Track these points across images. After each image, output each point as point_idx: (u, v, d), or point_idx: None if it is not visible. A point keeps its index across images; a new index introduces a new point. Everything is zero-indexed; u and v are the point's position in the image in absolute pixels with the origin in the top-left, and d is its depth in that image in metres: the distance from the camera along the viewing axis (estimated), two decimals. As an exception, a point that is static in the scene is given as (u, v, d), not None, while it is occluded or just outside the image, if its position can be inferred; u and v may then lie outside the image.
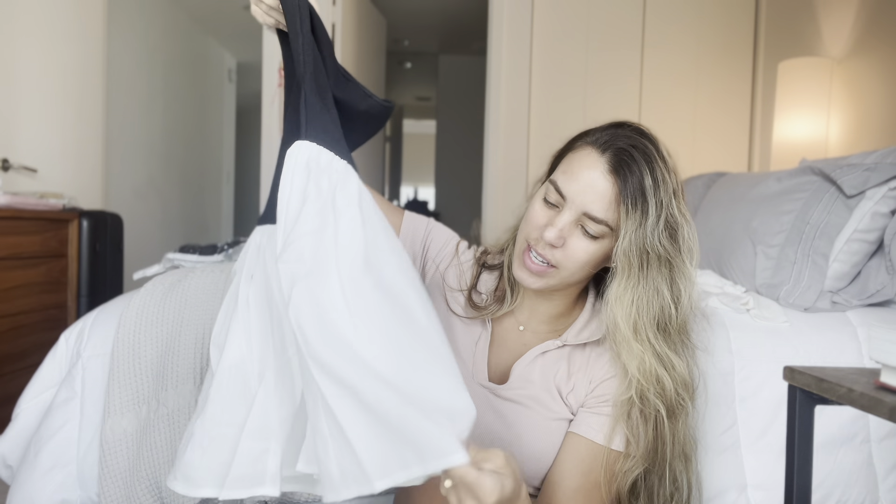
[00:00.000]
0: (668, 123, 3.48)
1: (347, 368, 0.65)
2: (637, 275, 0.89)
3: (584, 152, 0.93)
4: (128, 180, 4.17)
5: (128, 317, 1.31)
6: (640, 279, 0.89)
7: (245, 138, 6.54)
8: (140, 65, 4.30)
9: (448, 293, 1.08)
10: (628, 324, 0.90)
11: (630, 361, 0.90)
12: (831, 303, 1.36)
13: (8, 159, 2.59)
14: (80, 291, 2.53)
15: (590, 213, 0.89)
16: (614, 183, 0.88)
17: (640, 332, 0.90)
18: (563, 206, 0.91)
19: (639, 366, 0.90)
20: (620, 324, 0.90)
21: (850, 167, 1.43)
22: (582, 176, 0.90)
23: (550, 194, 0.93)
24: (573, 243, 0.91)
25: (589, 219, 0.89)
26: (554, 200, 0.92)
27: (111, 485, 1.22)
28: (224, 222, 6.10)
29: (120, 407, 1.25)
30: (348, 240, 0.73)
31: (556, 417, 0.96)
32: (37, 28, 2.78)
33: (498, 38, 3.48)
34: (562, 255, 0.91)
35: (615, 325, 0.91)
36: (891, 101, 2.27)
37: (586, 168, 0.90)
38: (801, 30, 2.91)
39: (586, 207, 0.89)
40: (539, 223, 0.93)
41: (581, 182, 0.90)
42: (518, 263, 0.95)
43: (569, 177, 0.91)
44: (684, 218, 0.91)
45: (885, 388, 0.71)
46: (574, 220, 0.90)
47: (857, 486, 1.22)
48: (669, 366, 0.91)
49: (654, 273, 0.89)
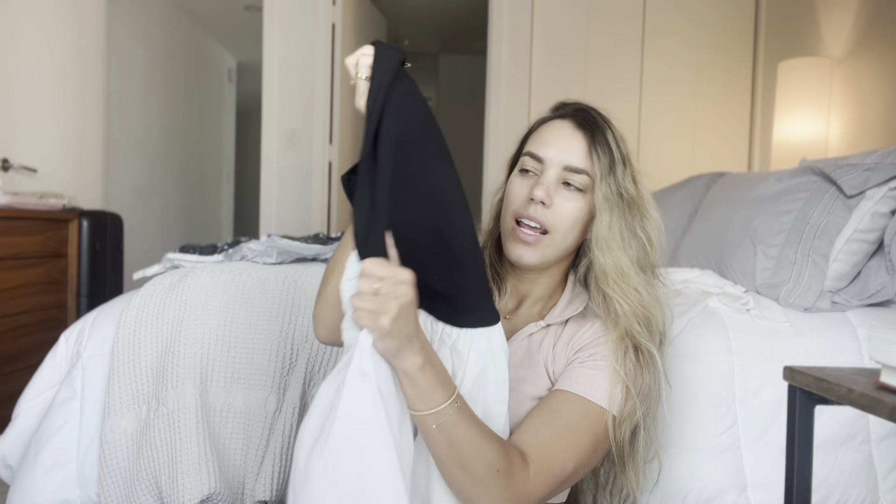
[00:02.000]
0: (669, 123, 3.48)
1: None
2: (619, 216, 0.95)
3: (547, 124, 1.00)
4: (128, 180, 4.17)
5: (128, 317, 1.31)
6: (621, 220, 0.95)
7: (245, 138, 6.54)
8: (140, 65, 4.30)
9: None
10: (619, 265, 0.94)
11: (623, 302, 0.93)
12: (831, 303, 1.36)
13: (8, 159, 2.59)
14: (80, 291, 2.53)
15: (570, 164, 0.95)
16: (584, 135, 0.96)
17: (627, 272, 0.94)
18: (541, 169, 0.97)
19: (630, 305, 0.93)
20: (610, 266, 0.94)
21: (850, 167, 1.43)
22: (554, 137, 0.97)
23: (527, 163, 0.98)
24: (560, 203, 0.95)
25: (570, 171, 0.95)
26: (532, 167, 0.98)
27: (111, 484, 1.22)
28: (224, 222, 6.10)
29: (120, 407, 1.25)
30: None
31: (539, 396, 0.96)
32: (37, 28, 2.78)
33: (498, 38, 3.48)
34: (553, 216, 0.95)
35: (604, 271, 0.95)
36: (891, 101, 2.27)
37: (554, 129, 0.98)
38: (801, 30, 2.91)
39: (566, 161, 0.95)
40: (523, 193, 0.97)
41: (555, 142, 0.97)
42: (511, 242, 0.98)
43: (542, 142, 0.98)
44: (639, 176, 0.99)
45: (885, 388, 0.71)
46: (557, 176, 0.96)
47: (857, 486, 1.22)
48: (654, 304, 0.95)
49: (630, 215, 0.95)
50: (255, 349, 1.27)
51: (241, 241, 1.65)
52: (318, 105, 3.56)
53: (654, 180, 3.42)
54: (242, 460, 1.23)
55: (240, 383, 1.25)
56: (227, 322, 1.29)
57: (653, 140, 3.48)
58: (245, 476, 1.23)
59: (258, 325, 1.29)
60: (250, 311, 1.31)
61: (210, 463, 1.19)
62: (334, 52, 3.58)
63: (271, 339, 1.28)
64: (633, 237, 0.95)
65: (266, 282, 1.36)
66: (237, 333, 1.28)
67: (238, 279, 1.36)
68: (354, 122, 3.95)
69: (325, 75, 3.54)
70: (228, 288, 1.33)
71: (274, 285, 1.35)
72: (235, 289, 1.34)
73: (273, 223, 3.62)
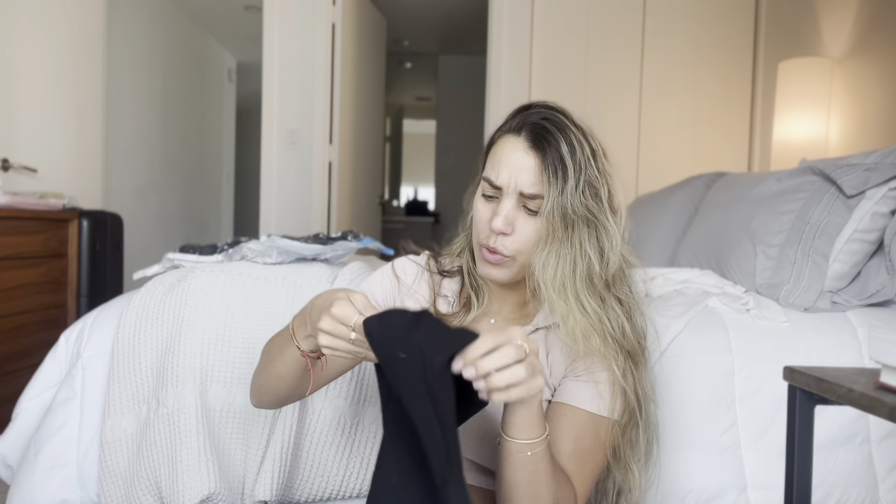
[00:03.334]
0: (669, 123, 3.48)
1: None
2: (560, 238, 0.93)
3: (503, 140, 0.98)
4: (128, 180, 4.17)
5: (128, 317, 1.31)
6: (563, 241, 0.93)
7: (245, 138, 6.54)
8: (140, 65, 4.30)
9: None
10: (554, 285, 0.93)
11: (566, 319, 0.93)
12: (831, 303, 1.36)
13: (8, 159, 2.59)
14: (80, 291, 2.53)
15: (524, 191, 0.94)
16: (536, 156, 0.94)
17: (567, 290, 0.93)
18: (500, 195, 0.96)
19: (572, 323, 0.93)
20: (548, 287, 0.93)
21: (850, 167, 1.43)
22: (508, 161, 0.96)
23: (486, 189, 0.98)
24: (521, 226, 0.95)
25: (525, 197, 0.94)
26: (491, 193, 0.97)
27: (111, 484, 1.22)
28: (224, 222, 6.10)
29: (120, 407, 1.25)
30: None
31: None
32: (37, 28, 2.78)
33: (498, 38, 3.48)
34: (514, 242, 0.95)
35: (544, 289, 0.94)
36: (891, 101, 2.27)
37: (508, 152, 0.96)
38: (801, 30, 2.91)
39: (520, 187, 0.94)
40: (485, 218, 0.98)
41: (508, 167, 0.95)
42: (480, 262, 1.00)
43: (496, 167, 0.97)
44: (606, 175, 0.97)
45: (885, 388, 0.71)
46: (514, 203, 0.95)
47: (857, 486, 1.22)
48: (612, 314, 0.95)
49: (578, 234, 0.94)
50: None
51: (241, 241, 1.65)
52: (318, 105, 3.57)
53: (654, 180, 3.44)
54: (242, 460, 1.23)
55: (240, 383, 1.25)
56: (227, 322, 1.29)
57: (653, 140, 3.48)
58: (245, 476, 1.23)
59: (258, 325, 1.29)
60: (250, 311, 1.31)
61: (210, 463, 1.19)
62: (334, 52, 3.58)
63: (271, 339, 1.28)
64: (580, 256, 0.94)
65: (266, 282, 1.36)
66: (237, 333, 1.28)
67: (238, 279, 1.36)
68: (354, 121, 3.95)
69: (325, 75, 3.54)
70: (228, 288, 1.33)
71: (274, 285, 1.35)
72: (235, 289, 1.34)
73: (273, 223, 3.62)
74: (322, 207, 3.61)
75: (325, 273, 1.40)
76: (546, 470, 0.83)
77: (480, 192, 0.99)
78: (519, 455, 0.81)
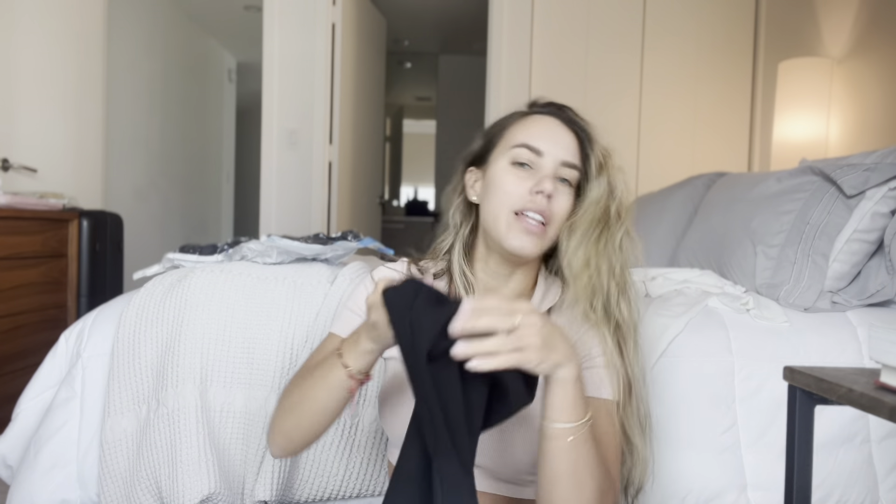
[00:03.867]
0: (669, 123, 3.48)
1: None
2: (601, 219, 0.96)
3: (531, 119, 1.00)
4: (128, 180, 4.17)
5: (128, 317, 1.31)
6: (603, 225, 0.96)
7: (245, 138, 6.54)
8: (140, 65, 4.30)
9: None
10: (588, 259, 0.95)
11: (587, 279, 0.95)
12: (831, 303, 1.36)
13: (8, 159, 2.59)
14: (80, 291, 2.53)
15: (566, 160, 0.97)
16: (571, 131, 0.99)
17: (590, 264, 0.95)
18: (538, 162, 0.97)
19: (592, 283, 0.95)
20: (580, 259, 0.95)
21: (850, 167, 1.43)
22: (545, 131, 0.98)
23: (523, 155, 0.97)
24: (556, 197, 0.96)
25: (565, 166, 0.97)
26: (527, 159, 0.97)
27: (111, 485, 1.22)
28: (224, 222, 6.10)
29: (120, 407, 1.25)
30: None
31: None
32: (37, 28, 2.78)
33: (498, 38, 3.48)
34: (553, 209, 0.96)
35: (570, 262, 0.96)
36: (891, 101, 2.27)
37: (545, 126, 0.99)
38: (801, 30, 2.91)
39: (561, 156, 0.96)
40: (525, 186, 0.96)
41: (549, 136, 0.97)
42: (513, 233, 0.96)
43: (536, 136, 0.98)
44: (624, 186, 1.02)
45: (885, 388, 0.71)
46: (554, 169, 0.96)
47: (857, 486, 1.22)
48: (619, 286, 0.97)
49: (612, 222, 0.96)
50: (255, 349, 1.27)
51: (241, 241, 1.65)
52: (318, 105, 3.56)
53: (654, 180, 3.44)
54: (242, 460, 1.23)
55: (240, 383, 1.25)
56: (227, 322, 1.29)
57: (653, 140, 3.48)
58: (245, 476, 1.23)
59: (258, 325, 1.29)
60: (250, 311, 1.31)
61: (210, 463, 1.19)
62: (334, 52, 3.58)
63: (271, 339, 1.28)
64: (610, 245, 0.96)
65: (266, 282, 1.36)
66: (237, 333, 1.28)
67: (238, 279, 1.36)
68: (354, 122, 3.95)
69: (325, 75, 3.54)
70: (228, 288, 1.33)
71: (274, 285, 1.35)
72: (235, 289, 1.34)
73: (273, 223, 3.62)
74: (322, 207, 3.61)
75: (325, 273, 1.40)
76: (589, 457, 0.81)
77: (509, 163, 0.98)
78: (559, 442, 0.79)
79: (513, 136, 1.00)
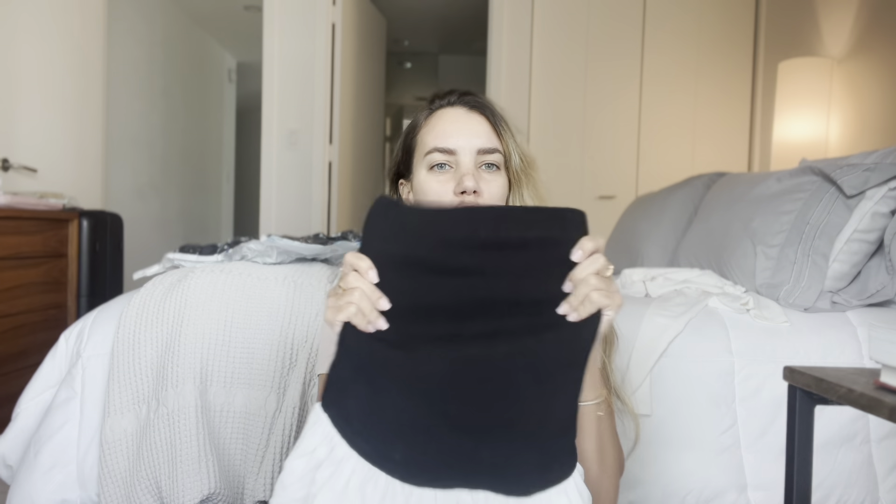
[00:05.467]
0: (669, 123, 3.48)
1: None
2: (525, 184, 0.97)
3: (437, 114, 0.98)
4: (128, 180, 4.17)
5: (128, 317, 1.31)
6: (527, 187, 0.97)
7: (245, 138, 6.54)
8: (140, 65, 4.30)
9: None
10: None
11: None
12: (831, 303, 1.36)
13: (8, 159, 2.59)
14: (80, 291, 2.53)
15: (481, 147, 0.94)
16: (480, 115, 0.97)
17: None
18: (454, 160, 0.94)
19: None
20: None
21: (850, 167, 1.43)
22: (453, 126, 0.95)
23: (436, 158, 0.95)
24: (485, 187, 0.94)
25: (485, 153, 0.95)
26: (443, 160, 0.95)
27: (111, 485, 1.22)
28: (224, 222, 6.10)
29: (120, 407, 1.25)
30: None
31: None
32: (37, 28, 2.78)
33: (498, 38, 3.48)
34: (485, 197, 0.94)
35: None
36: (891, 101, 2.27)
37: (451, 120, 0.96)
38: (801, 30, 2.91)
39: (475, 145, 0.94)
40: (447, 188, 0.94)
41: (457, 130, 0.95)
42: None
43: (443, 134, 0.95)
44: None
45: (885, 388, 0.71)
46: (472, 162, 0.94)
47: (857, 486, 1.22)
48: None
49: (533, 180, 0.98)
50: (255, 349, 1.27)
51: (241, 241, 1.65)
52: (318, 105, 3.56)
53: (654, 180, 3.44)
54: (242, 460, 1.23)
55: (240, 383, 1.25)
56: (227, 322, 1.29)
57: (653, 140, 3.48)
58: (245, 476, 1.23)
59: (258, 325, 1.29)
60: (250, 311, 1.31)
61: (210, 463, 1.19)
62: (334, 52, 3.58)
63: (271, 339, 1.28)
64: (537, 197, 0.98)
65: (266, 282, 1.36)
66: (237, 333, 1.28)
67: (238, 279, 1.36)
68: (354, 122, 3.95)
69: (325, 75, 3.54)
70: (228, 288, 1.33)
71: (274, 285, 1.35)
72: (235, 289, 1.34)
73: (273, 223, 3.62)
74: (322, 207, 3.61)
75: (325, 273, 1.40)
76: (612, 430, 0.84)
77: (425, 168, 0.95)
78: (588, 419, 0.80)
79: (424, 140, 0.98)
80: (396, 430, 0.68)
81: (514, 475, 0.68)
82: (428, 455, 0.68)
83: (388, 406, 0.68)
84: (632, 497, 1.20)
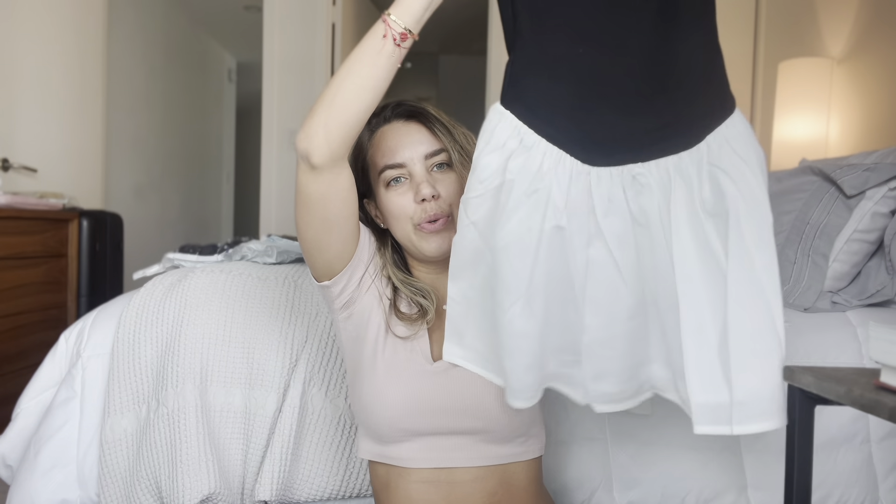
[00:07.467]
0: (668, 123, 3.48)
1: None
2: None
3: (378, 133, 1.03)
4: (128, 180, 4.17)
5: (128, 317, 1.31)
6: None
7: (245, 138, 6.54)
8: (140, 65, 4.29)
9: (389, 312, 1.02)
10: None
11: None
12: (831, 303, 1.36)
13: (8, 159, 2.59)
14: (80, 291, 2.53)
15: (427, 152, 0.99)
16: (417, 123, 1.02)
17: None
18: (406, 172, 0.99)
19: None
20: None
21: (850, 167, 1.43)
22: (396, 140, 1.00)
23: (390, 175, 0.99)
24: (441, 187, 0.99)
25: (431, 156, 1.00)
26: (396, 174, 0.99)
27: (111, 485, 1.22)
28: (224, 222, 6.10)
29: (120, 407, 1.25)
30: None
31: None
32: (37, 28, 2.78)
33: (498, 38, 3.47)
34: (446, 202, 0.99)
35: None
36: (891, 101, 2.27)
37: (392, 136, 1.01)
38: (801, 30, 2.90)
39: (421, 152, 0.99)
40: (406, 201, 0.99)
41: (400, 144, 1.00)
42: (426, 241, 0.99)
43: (388, 153, 1.00)
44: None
45: (885, 388, 0.71)
46: (423, 169, 0.99)
47: (857, 487, 1.22)
48: None
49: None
50: (255, 349, 1.27)
51: (241, 241, 1.65)
52: (318, 105, 3.56)
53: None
54: (242, 460, 1.23)
55: (240, 383, 1.25)
56: (227, 322, 1.29)
57: (653, 140, 3.48)
58: (245, 476, 1.23)
59: (258, 325, 1.29)
60: (250, 311, 1.31)
61: (210, 463, 1.19)
62: (334, 52, 3.58)
63: (271, 339, 1.28)
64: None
65: (266, 282, 1.36)
66: (237, 333, 1.28)
67: (238, 279, 1.36)
68: (354, 122, 3.95)
69: (325, 75, 3.54)
70: (228, 288, 1.33)
71: (274, 285, 1.35)
72: (235, 289, 1.34)
73: (273, 223, 3.62)
74: (322, 207, 3.60)
75: (325, 273, 1.40)
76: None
77: (383, 186, 1.00)
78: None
79: (374, 161, 1.02)
80: (570, 116, 0.78)
81: (686, 127, 0.79)
82: (601, 136, 0.78)
83: (563, 94, 0.78)
84: (632, 497, 1.20)
